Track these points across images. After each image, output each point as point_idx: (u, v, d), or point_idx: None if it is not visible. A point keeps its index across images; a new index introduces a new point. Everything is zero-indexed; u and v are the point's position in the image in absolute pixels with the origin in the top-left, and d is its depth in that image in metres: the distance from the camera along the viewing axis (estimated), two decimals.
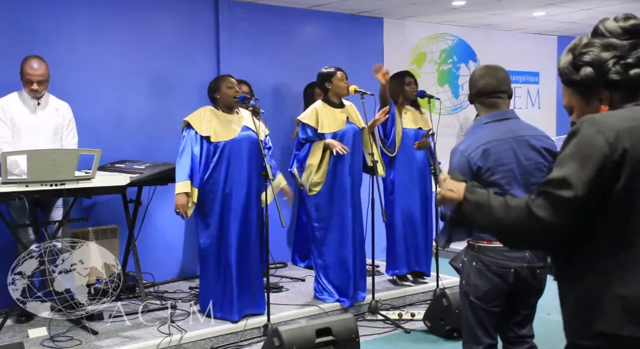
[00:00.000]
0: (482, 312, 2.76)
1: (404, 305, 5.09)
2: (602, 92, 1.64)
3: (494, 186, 2.64)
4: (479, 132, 2.73)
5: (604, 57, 1.62)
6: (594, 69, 1.63)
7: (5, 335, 4.07)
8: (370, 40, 6.70)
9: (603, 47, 1.63)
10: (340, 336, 3.81)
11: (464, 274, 2.81)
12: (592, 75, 1.63)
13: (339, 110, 4.79)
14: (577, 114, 1.71)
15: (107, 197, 4.93)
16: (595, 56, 1.63)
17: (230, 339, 4.23)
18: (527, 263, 2.70)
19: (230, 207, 4.29)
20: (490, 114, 2.75)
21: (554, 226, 1.56)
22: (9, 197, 3.78)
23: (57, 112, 4.42)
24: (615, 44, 1.62)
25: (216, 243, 4.32)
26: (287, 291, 5.16)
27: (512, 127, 2.72)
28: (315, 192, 4.70)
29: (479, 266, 2.73)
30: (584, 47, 1.65)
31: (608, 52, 1.62)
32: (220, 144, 4.27)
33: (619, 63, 1.61)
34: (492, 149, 2.66)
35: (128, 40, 5.28)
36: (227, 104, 4.37)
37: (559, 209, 1.55)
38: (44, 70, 4.28)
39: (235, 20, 5.80)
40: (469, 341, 2.82)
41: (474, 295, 2.75)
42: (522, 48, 7.75)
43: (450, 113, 7.38)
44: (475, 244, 2.75)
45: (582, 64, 1.64)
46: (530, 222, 1.58)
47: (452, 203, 1.81)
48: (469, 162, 2.64)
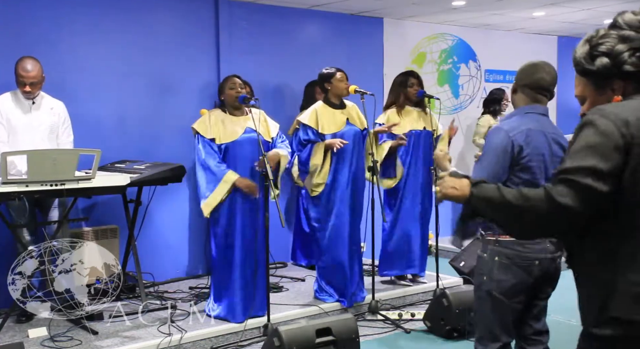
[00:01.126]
0: (505, 308, 2.73)
1: (404, 305, 5.09)
2: (616, 83, 1.68)
3: (528, 171, 2.66)
4: (520, 119, 2.73)
5: (620, 48, 1.65)
6: (610, 60, 1.66)
7: (5, 335, 4.07)
8: (370, 40, 6.70)
9: (620, 39, 1.66)
10: (340, 336, 3.81)
11: (485, 270, 2.77)
12: (608, 66, 1.67)
13: (338, 111, 4.79)
14: (589, 103, 1.75)
15: (107, 197, 4.93)
16: (612, 47, 1.66)
17: (230, 339, 4.23)
18: (550, 253, 2.71)
19: (236, 207, 4.30)
20: (531, 106, 2.76)
21: (578, 214, 1.58)
22: (9, 197, 3.78)
23: (52, 111, 4.42)
24: (632, 36, 1.65)
25: (223, 245, 4.33)
26: (287, 291, 5.16)
27: (547, 123, 2.77)
28: (317, 192, 4.70)
29: (502, 260, 2.71)
30: (601, 38, 1.69)
31: (624, 44, 1.65)
32: (223, 146, 4.30)
33: (635, 55, 1.64)
34: (534, 136, 2.68)
35: (128, 40, 5.28)
36: (231, 104, 4.40)
37: (585, 197, 1.57)
38: (37, 72, 4.25)
39: (235, 20, 5.80)
40: (484, 339, 2.80)
41: (498, 291, 2.72)
42: (522, 48, 7.74)
43: (450, 113, 7.37)
44: (497, 238, 2.72)
45: (599, 54, 1.68)
46: (553, 209, 1.59)
47: (455, 201, 1.81)
48: (513, 142, 2.65)
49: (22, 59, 4.26)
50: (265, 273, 4.26)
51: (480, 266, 2.81)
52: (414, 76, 5.30)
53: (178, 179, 4.77)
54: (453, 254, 5.88)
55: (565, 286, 2.03)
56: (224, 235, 4.33)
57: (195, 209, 5.60)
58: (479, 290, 2.83)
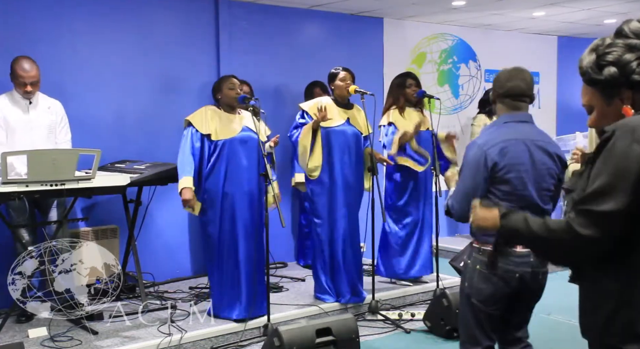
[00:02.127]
0: (483, 315, 2.76)
1: (404, 305, 5.09)
2: (625, 92, 1.66)
3: (507, 184, 2.66)
4: (498, 130, 2.73)
5: (628, 58, 1.63)
6: (618, 69, 1.64)
7: (5, 335, 4.07)
8: (370, 40, 6.70)
9: (627, 48, 1.64)
10: (340, 336, 3.81)
11: (467, 277, 2.81)
12: (616, 75, 1.65)
13: (342, 109, 4.80)
14: (597, 114, 1.73)
15: (107, 197, 4.93)
16: (619, 56, 1.64)
17: (230, 339, 4.23)
18: (532, 268, 2.70)
19: (232, 206, 4.30)
20: (511, 114, 2.75)
21: (601, 242, 1.59)
22: (9, 197, 3.77)
23: (50, 110, 4.41)
24: (639, 45, 1.63)
25: (219, 243, 4.33)
26: (287, 291, 5.16)
27: (529, 130, 2.74)
28: (315, 176, 4.67)
29: (483, 269, 2.72)
30: (608, 48, 1.67)
31: (632, 53, 1.64)
32: (220, 142, 4.28)
33: None
34: (510, 147, 2.67)
35: (128, 40, 5.28)
36: (229, 104, 4.39)
37: (603, 224, 1.57)
38: (36, 72, 4.25)
39: (235, 20, 5.80)
40: (466, 342, 2.83)
41: (477, 298, 2.75)
42: (522, 48, 7.75)
43: (450, 113, 7.38)
44: (481, 248, 2.74)
45: (606, 63, 1.66)
46: (577, 242, 1.62)
47: (487, 231, 1.92)
48: (486, 157, 2.65)
49: (19, 59, 4.24)
50: (265, 273, 4.26)
51: (465, 271, 2.85)
52: (411, 77, 5.34)
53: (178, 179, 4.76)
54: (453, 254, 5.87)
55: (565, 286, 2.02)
56: (222, 235, 4.32)
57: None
58: (461, 294, 2.87)
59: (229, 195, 4.29)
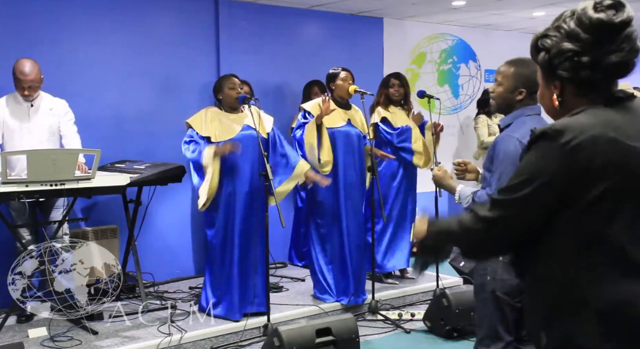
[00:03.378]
0: (508, 308, 2.74)
1: (404, 305, 5.09)
2: (555, 81, 1.55)
3: None
4: (528, 121, 2.65)
5: (564, 47, 1.49)
6: (549, 58, 1.53)
7: (5, 335, 4.07)
8: (370, 40, 6.70)
9: (568, 36, 1.49)
10: (340, 336, 3.81)
11: (488, 270, 2.77)
12: (545, 64, 1.55)
13: (342, 110, 4.80)
14: (540, 91, 1.64)
15: (107, 197, 4.93)
16: (556, 44, 1.51)
17: (230, 339, 4.23)
18: None
19: (234, 206, 4.30)
20: (531, 107, 2.70)
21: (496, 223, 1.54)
22: (9, 197, 3.77)
23: (51, 112, 4.37)
24: (580, 36, 1.47)
25: (220, 242, 4.34)
26: (287, 291, 5.16)
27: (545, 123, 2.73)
28: (327, 172, 4.62)
29: (506, 259, 2.71)
30: (553, 30, 1.54)
31: (570, 43, 1.49)
32: (220, 144, 4.28)
33: (573, 59, 1.48)
34: None
35: (128, 40, 5.27)
36: (229, 104, 4.39)
37: (499, 209, 1.55)
38: (35, 75, 4.20)
39: (235, 20, 5.80)
40: (487, 338, 2.80)
41: (502, 290, 2.73)
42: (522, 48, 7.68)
43: (450, 113, 7.37)
44: None
45: (541, 47, 1.55)
46: (476, 224, 1.57)
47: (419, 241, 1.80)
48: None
49: (19, 62, 4.20)
50: (265, 273, 4.26)
51: (484, 266, 2.81)
52: (394, 77, 5.39)
53: (178, 179, 4.77)
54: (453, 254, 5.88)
55: None
56: (222, 234, 4.32)
57: (195, 209, 5.60)
58: (482, 291, 2.83)
59: (232, 195, 4.30)
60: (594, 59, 1.47)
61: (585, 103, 1.52)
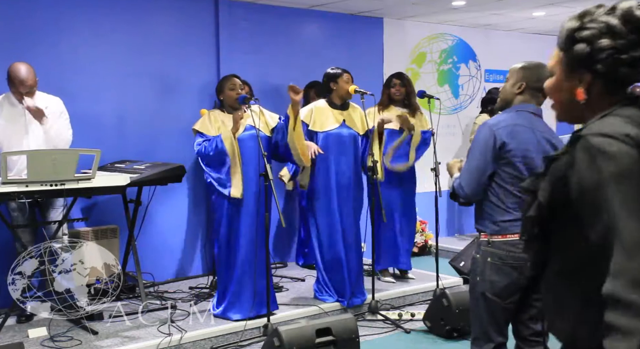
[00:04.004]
0: (498, 309, 2.73)
1: (404, 305, 5.09)
2: (585, 75, 1.53)
3: (511, 166, 2.68)
4: (509, 114, 2.75)
5: (603, 44, 1.48)
6: (589, 51, 1.50)
7: (5, 335, 4.07)
8: (370, 40, 6.70)
9: (609, 31, 1.48)
10: (340, 336, 3.81)
11: (478, 271, 2.77)
12: (583, 56, 1.51)
13: (337, 111, 4.80)
14: (554, 83, 1.62)
15: (107, 197, 4.93)
16: (597, 37, 1.49)
17: (230, 339, 4.22)
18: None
19: (236, 206, 4.30)
20: (524, 104, 2.76)
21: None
22: (9, 197, 3.77)
23: (46, 111, 4.33)
24: (625, 35, 1.47)
25: (226, 243, 4.34)
26: (287, 291, 5.16)
27: (537, 123, 2.76)
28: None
29: (495, 261, 2.71)
30: (590, 22, 1.51)
31: (611, 40, 1.47)
32: None
33: (613, 56, 1.47)
34: (521, 132, 2.69)
35: (128, 40, 5.27)
36: (230, 104, 4.40)
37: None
38: (33, 80, 4.17)
39: (235, 20, 5.80)
40: (479, 339, 2.80)
41: (491, 292, 2.72)
42: (522, 48, 7.74)
43: (450, 113, 7.38)
44: (489, 239, 2.73)
45: (580, 39, 1.52)
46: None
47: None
48: (495, 136, 2.67)
49: (15, 66, 4.15)
50: (265, 273, 4.26)
51: (474, 267, 2.82)
52: (396, 77, 5.39)
53: (178, 179, 4.78)
54: (453, 254, 5.89)
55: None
56: (227, 234, 4.33)
57: (195, 209, 5.61)
58: (473, 291, 2.84)
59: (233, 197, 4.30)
60: (634, 57, 1.48)
61: (612, 102, 1.52)
